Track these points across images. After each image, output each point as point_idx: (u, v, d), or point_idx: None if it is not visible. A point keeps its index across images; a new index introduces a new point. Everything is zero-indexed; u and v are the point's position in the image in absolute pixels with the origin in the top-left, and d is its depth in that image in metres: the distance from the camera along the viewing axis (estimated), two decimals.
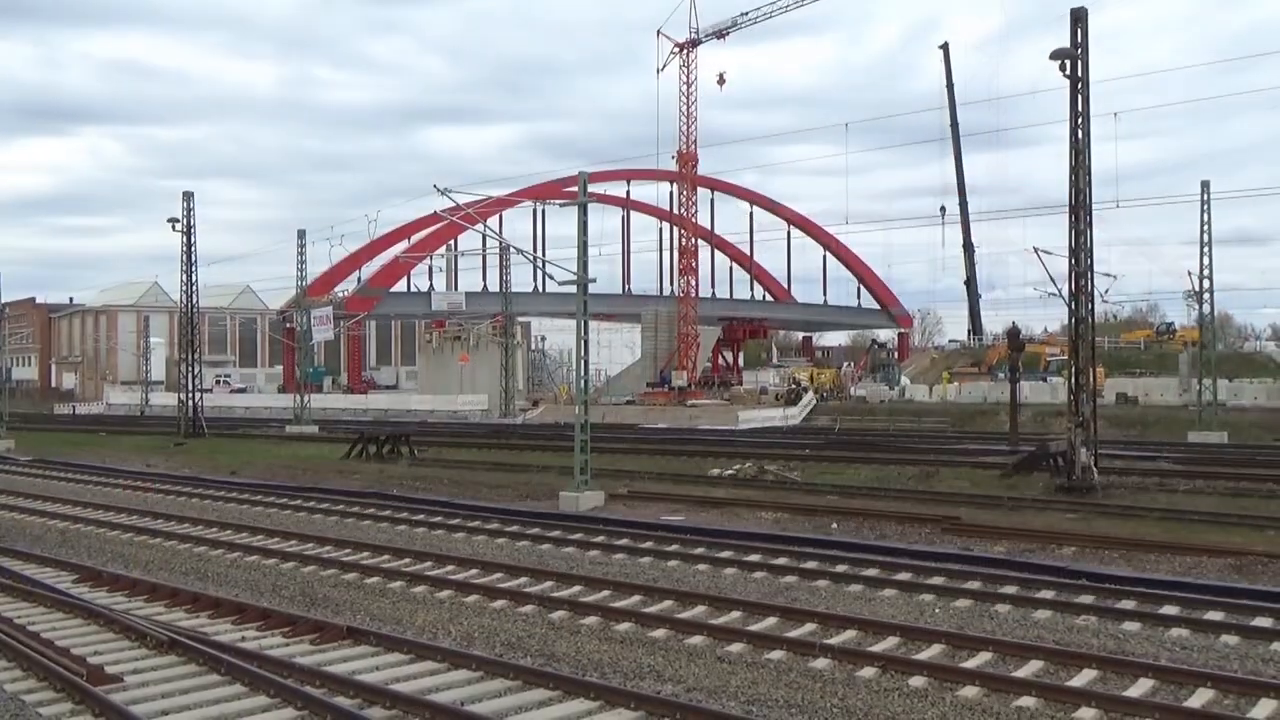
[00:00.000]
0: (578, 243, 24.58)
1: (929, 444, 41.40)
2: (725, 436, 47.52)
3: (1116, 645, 12.18)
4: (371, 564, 17.29)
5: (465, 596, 14.83)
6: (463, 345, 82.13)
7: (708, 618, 13.40)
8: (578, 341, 24.98)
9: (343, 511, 23.95)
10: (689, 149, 72.97)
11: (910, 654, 11.70)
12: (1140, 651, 11.92)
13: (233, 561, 18.15)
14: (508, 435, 50.50)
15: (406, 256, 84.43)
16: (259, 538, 20.37)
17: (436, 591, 15.20)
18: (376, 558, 17.98)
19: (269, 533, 20.86)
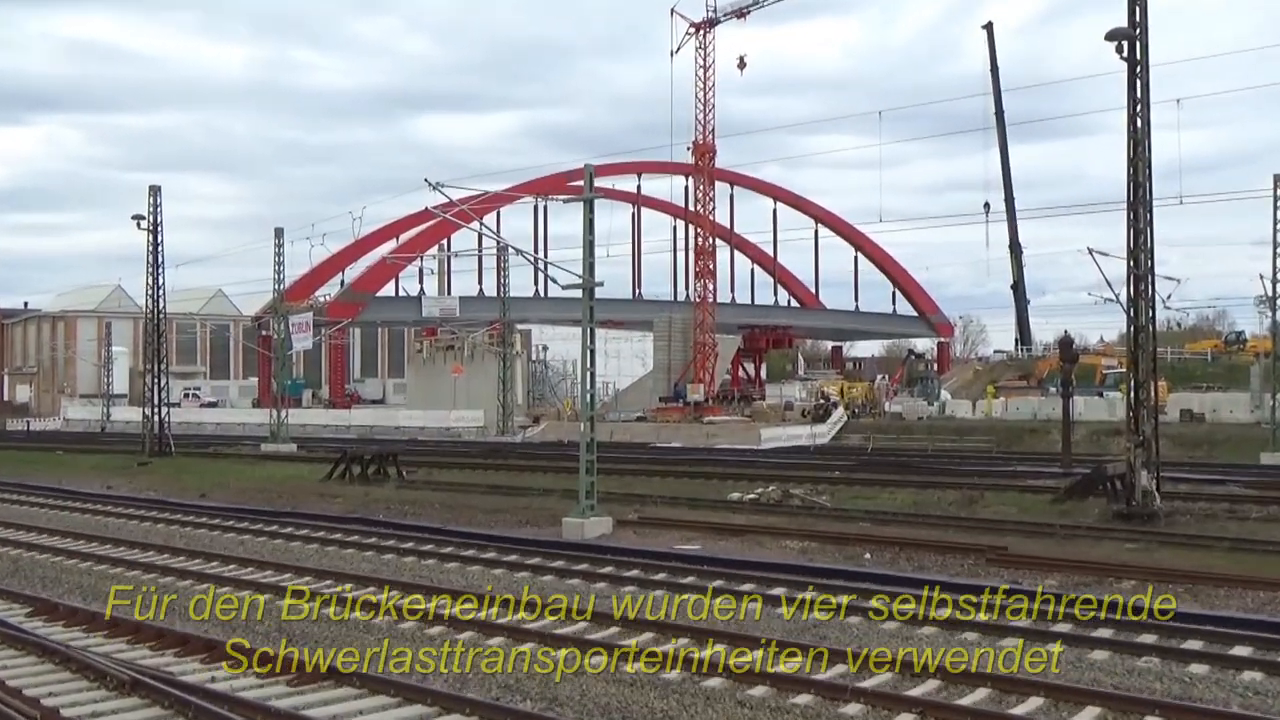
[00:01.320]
0: (583, 242, 24.60)
1: (972, 465, 41.24)
2: (746, 457, 47.42)
3: (1182, 690, 12.10)
4: (355, 596, 17.29)
5: (458, 633, 14.82)
6: (456, 355, 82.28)
7: (727, 657, 13.36)
8: (583, 351, 24.99)
9: (323, 539, 23.97)
10: (706, 139, 73.07)
11: (952, 699, 11.64)
12: (1209, 697, 11.84)
13: (202, 593, 18.16)
14: (505, 455, 50.50)
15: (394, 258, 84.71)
16: (231, 567, 20.40)
17: (426, 627, 15.18)
18: (360, 589, 17.97)
19: (242, 562, 20.88)
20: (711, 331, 74.59)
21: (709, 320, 74.01)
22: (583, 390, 25.60)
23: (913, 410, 67.71)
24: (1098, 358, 78.44)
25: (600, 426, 32.54)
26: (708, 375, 73.47)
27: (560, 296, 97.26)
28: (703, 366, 73.29)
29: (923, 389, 77.94)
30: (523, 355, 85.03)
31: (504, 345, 70.02)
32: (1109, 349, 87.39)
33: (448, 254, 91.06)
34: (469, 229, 65.09)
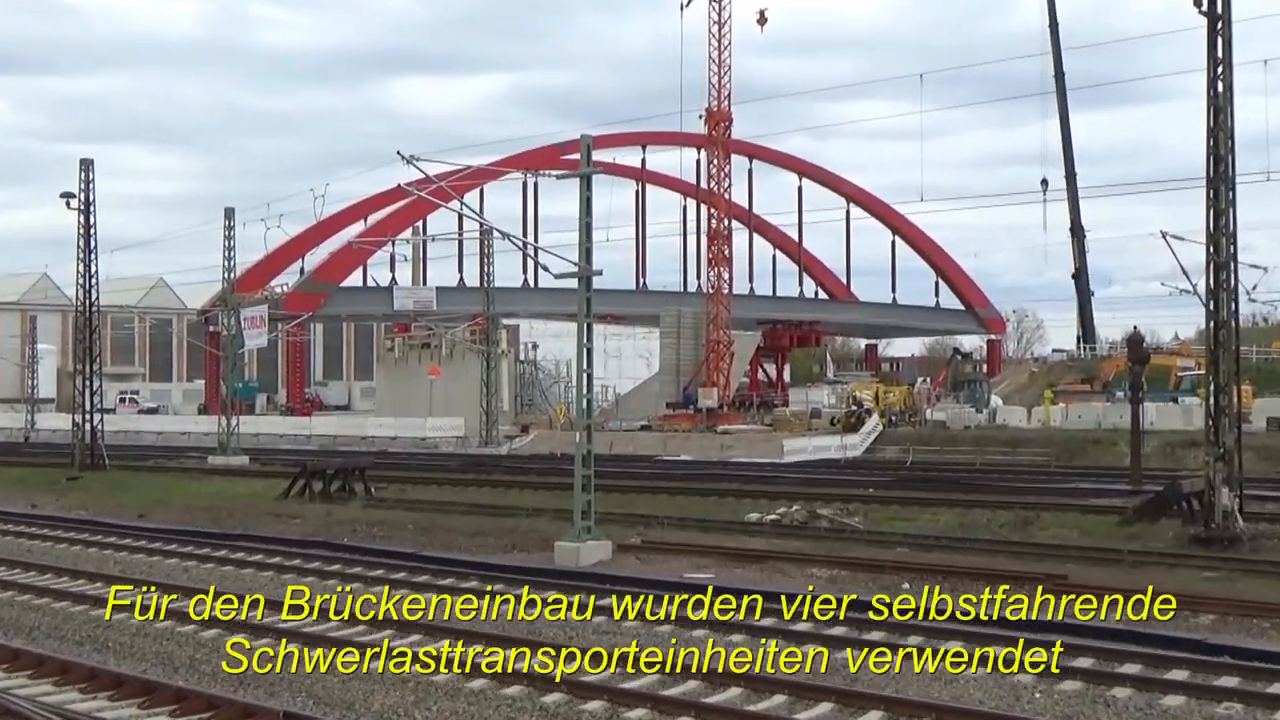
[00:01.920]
0: (579, 225, 24.60)
1: (1027, 482, 41.15)
2: (766, 472, 47.32)
3: None
4: (315, 632, 17.29)
5: (434, 674, 14.83)
6: (432, 355, 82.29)
7: (743, 703, 13.36)
8: (579, 350, 24.99)
9: (280, 565, 24.00)
10: (720, 106, 73.05)
11: None
12: None
13: (139, 628, 18.18)
14: (490, 469, 50.48)
15: (362, 242, 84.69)
16: (173, 598, 20.43)
17: (398, 668, 15.20)
18: (322, 624, 17.98)
19: (186, 591, 20.90)
20: (726, 328, 74.57)
21: (724, 315, 74.00)
22: (578, 395, 25.59)
23: (958, 418, 67.60)
24: (1172, 358, 78.28)
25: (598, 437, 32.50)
26: (722, 378, 73.44)
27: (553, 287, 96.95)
28: (716, 368, 73.27)
29: (970, 394, 77.82)
30: (509, 354, 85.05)
31: (488, 343, 70.03)
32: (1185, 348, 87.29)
33: (423, 238, 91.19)
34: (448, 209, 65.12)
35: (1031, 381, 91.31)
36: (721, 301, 73.78)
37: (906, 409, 70.87)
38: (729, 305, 74.59)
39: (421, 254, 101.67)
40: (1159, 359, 72.34)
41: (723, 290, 74.22)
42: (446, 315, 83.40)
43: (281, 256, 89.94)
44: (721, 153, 74.58)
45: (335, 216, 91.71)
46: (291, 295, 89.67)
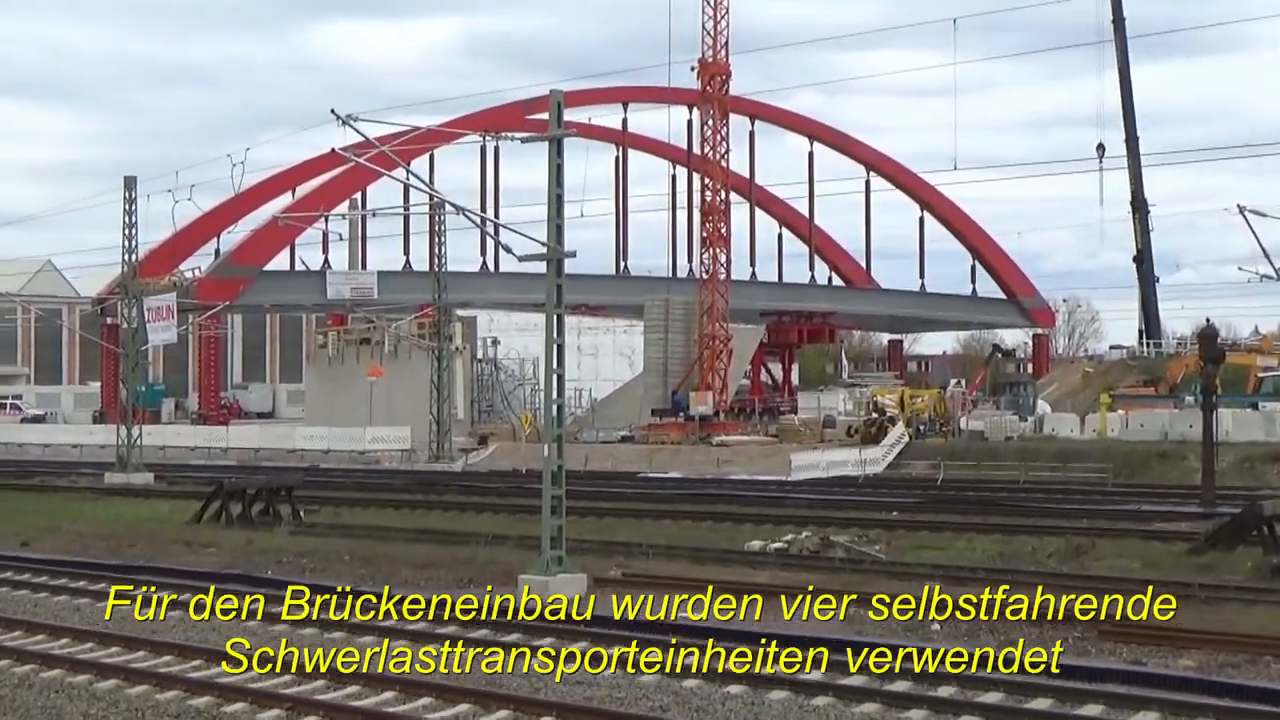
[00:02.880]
0: (548, 198, 24.57)
1: (1080, 503, 41.22)
2: (771, 491, 47.29)
3: None
4: (234, 684, 17.25)
5: None
6: (373, 353, 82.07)
7: None
8: (548, 347, 24.95)
9: (191, 603, 23.95)
10: (716, 57, 73.04)
11: None
12: None
13: (23, 678, 18.10)
14: (441, 488, 50.37)
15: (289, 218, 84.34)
16: (63, 642, 20.32)
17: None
18: (239, 674, 17.94)
19: (78, 635, 20.80)
20: (723, 320, 74.56)
21: (720, 305, 74.01)
22: (546, 400, 25.53)
23: (999, 427, 67.63)
24: (1251, 356, 78.44)
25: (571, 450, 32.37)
26: (718, 379, 73.44)
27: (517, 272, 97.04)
28: (711, 368, 73.25)
29: (1012, 399, 77.92)
30: (465, 352, 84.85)
31: (439, 338, 69.90)
32: (1266, 344, 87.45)
33: (363, 213, 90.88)
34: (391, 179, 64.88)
35: (1085, 384, 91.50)
36: (717, 289, 73.73)
37: (937, 417, 70.90)
38: (726, 293, 74.53)
39: (360, 232, 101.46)
40: (1235, 357, 72.36)
41: (719, 275, 74.17)
42: (390, 305, 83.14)
43: (193, 235, 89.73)
44: (718, 112, 74.52)
45: (257, 188, 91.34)
46: (205, 281, 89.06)
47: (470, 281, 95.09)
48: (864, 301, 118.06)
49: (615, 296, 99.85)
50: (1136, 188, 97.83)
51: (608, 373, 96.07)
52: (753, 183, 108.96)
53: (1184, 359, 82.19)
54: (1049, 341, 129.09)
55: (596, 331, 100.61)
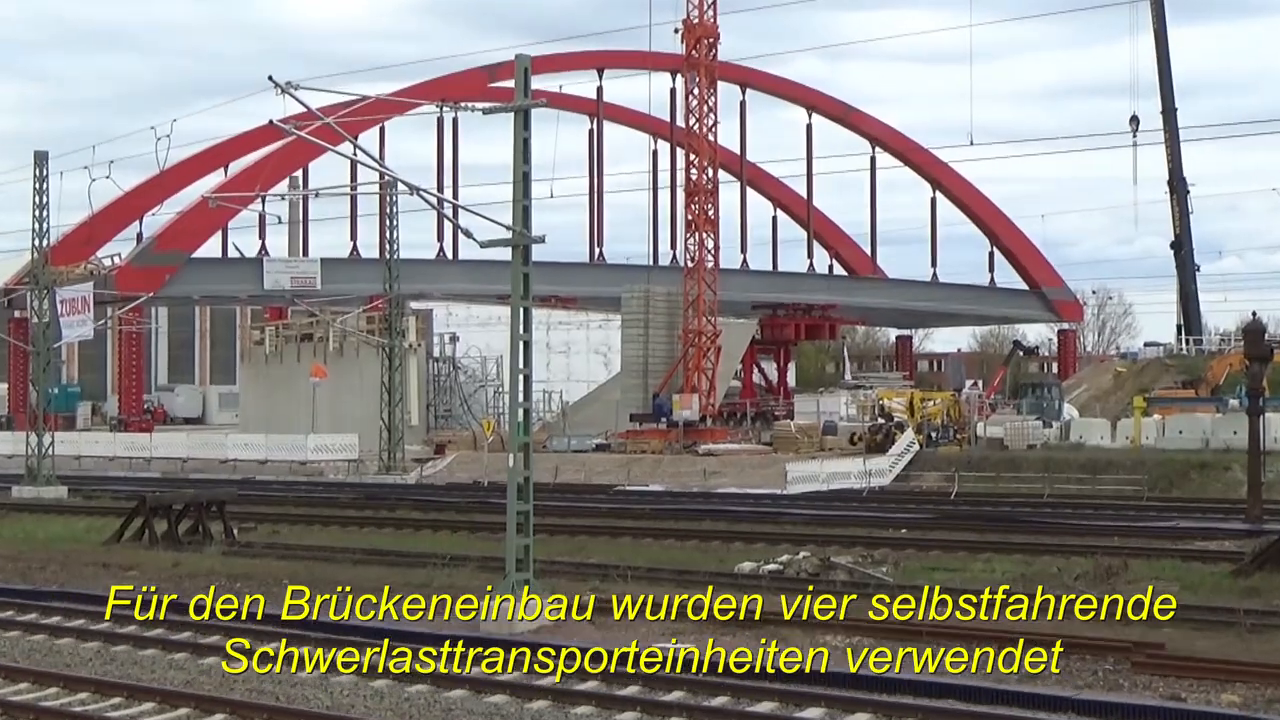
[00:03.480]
0: (514, 176, 24.51)
1: (1111, 519, 41.29)
2: (765, 506, 47.30)
3: None
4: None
5: None
6: (316, 351, 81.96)
7: None
8: (513, 344, 24.88)
9: (109, 633, 23.83)
10: (703, 17, 73.06)
11: None
12: None
13: None
14: (394, 503, 50.33)
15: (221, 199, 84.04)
16: None
17: None
18: (165, 714, 17.86)
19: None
20: (711, 314, 74.62)
21: (707, 296, 74.05)
22: (512, 403, 25.47)
23: (1020, 435, 67.73)
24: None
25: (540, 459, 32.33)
26: (705, 380, 73.50)
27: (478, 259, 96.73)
28: (697, 367, 73.28)
29: (1036, 402, 78.01)
30: (420, 350, 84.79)
31: (390, 334, 69.77)
32: None
33: (303, 193, 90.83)
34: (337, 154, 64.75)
35: (1117, 385, 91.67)
36: (704, 278, 73.73)
37: (951, 423, 70.98)
38: (714, 284, 74.56)
39: (301, 215, 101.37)
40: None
41: (705, 263, 74.18)
42: (335, 296, 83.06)
43: (112, 217, 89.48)
44: (705, 79, 74.50)
45: (185, 164, 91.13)
46: (125, 270, 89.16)
47: (426, 270, 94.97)
48: (869, 293, 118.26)
49: (589, 287, 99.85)
50: (1174, 165, 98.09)
51: (580, 373, 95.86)
52: (744, 159, 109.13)
53: (1228, 357, 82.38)
54: (1076, 338, 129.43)
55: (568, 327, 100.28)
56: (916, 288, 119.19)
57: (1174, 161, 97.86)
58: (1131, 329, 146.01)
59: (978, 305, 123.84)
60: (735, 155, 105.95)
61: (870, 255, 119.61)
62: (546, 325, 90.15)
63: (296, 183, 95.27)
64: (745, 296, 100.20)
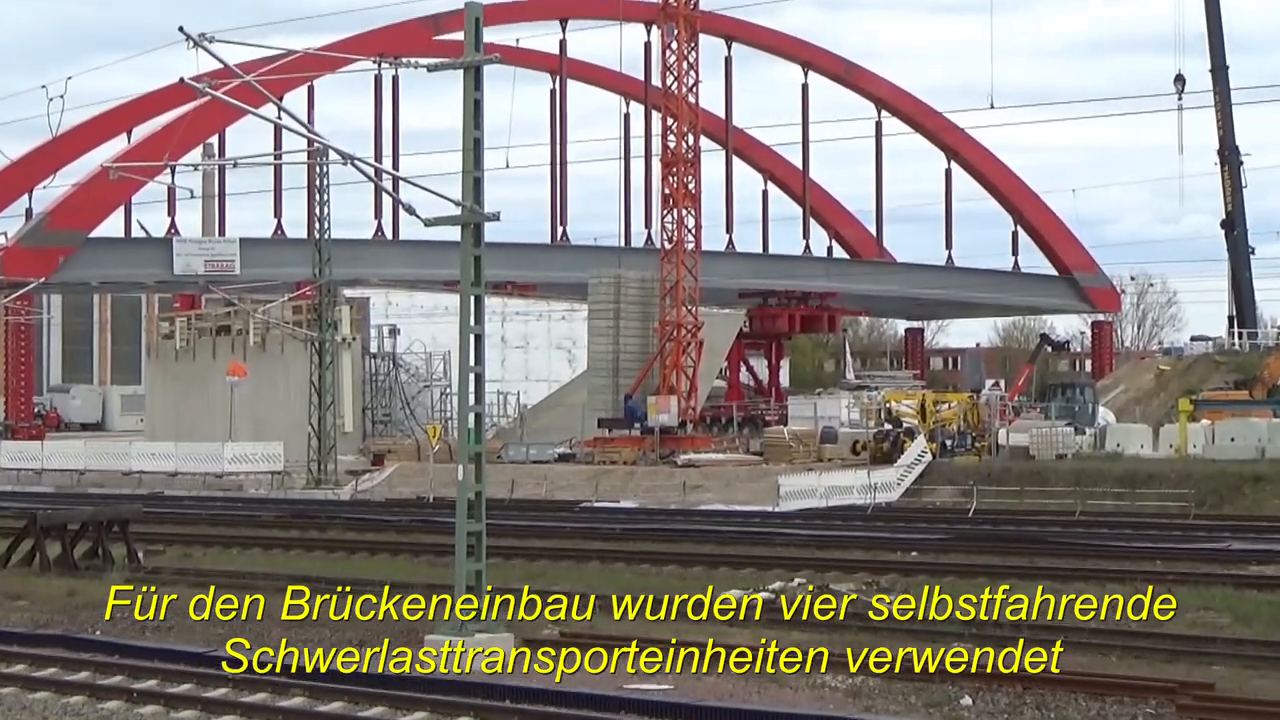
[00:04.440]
0: (463, 144, 24.48)
1: (1153, 540, 41.30)
2: (754, 526, 47.24)
3: None
4: None
5: None
6: (234, 346, 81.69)
7: None
8: (463, 338, 24.85)
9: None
10: None
11: None
12: None
13: None
14: (325, 522, 50.22)
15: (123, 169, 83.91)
16: None
17: None
18: None
19: None
20: (692, 303, 74.61)
21: (687, 283, 74.03)
22: (461, 406, 25.42)
23: (1049, 443, 67.81)
24: None
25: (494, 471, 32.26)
26: (685, 380, 73.49)
27: (423, 239, 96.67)
28: (676, 365, 73.27)
29: (1066, 405, 78.21)
30: (355, 344, 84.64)
31: (320, 327, 69.64)
32: None
33: (219, 162, 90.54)
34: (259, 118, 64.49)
35: (1160, 386, 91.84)
36: (684, 262, 73.72)
37: (968, 429, 71.13)
38: (695, 268, 74.53)
39: (218, 188, 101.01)
40: None
41: (686, 245, 74.16)
42: (257, 283, 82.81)
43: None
44: (684, 31, 74.46)
45: (82, 129, 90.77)
46: (13, 251, 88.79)
47: (362, 252, 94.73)
48: (874, 279, 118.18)
49: (551, 272, 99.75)
50: (1225, 132, 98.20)
51: (541, 371, 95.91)
52: (729, 124, 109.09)
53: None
54: (1113, 331, 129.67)
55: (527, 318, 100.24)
56: (929, 273, 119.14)
57: (1225, 128, 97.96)
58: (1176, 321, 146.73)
59: (999, 293, 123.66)
60: (720, 120, 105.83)
61: (875, 236, 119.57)
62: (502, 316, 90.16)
63: (212, 151, 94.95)
64: (731, 283, 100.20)
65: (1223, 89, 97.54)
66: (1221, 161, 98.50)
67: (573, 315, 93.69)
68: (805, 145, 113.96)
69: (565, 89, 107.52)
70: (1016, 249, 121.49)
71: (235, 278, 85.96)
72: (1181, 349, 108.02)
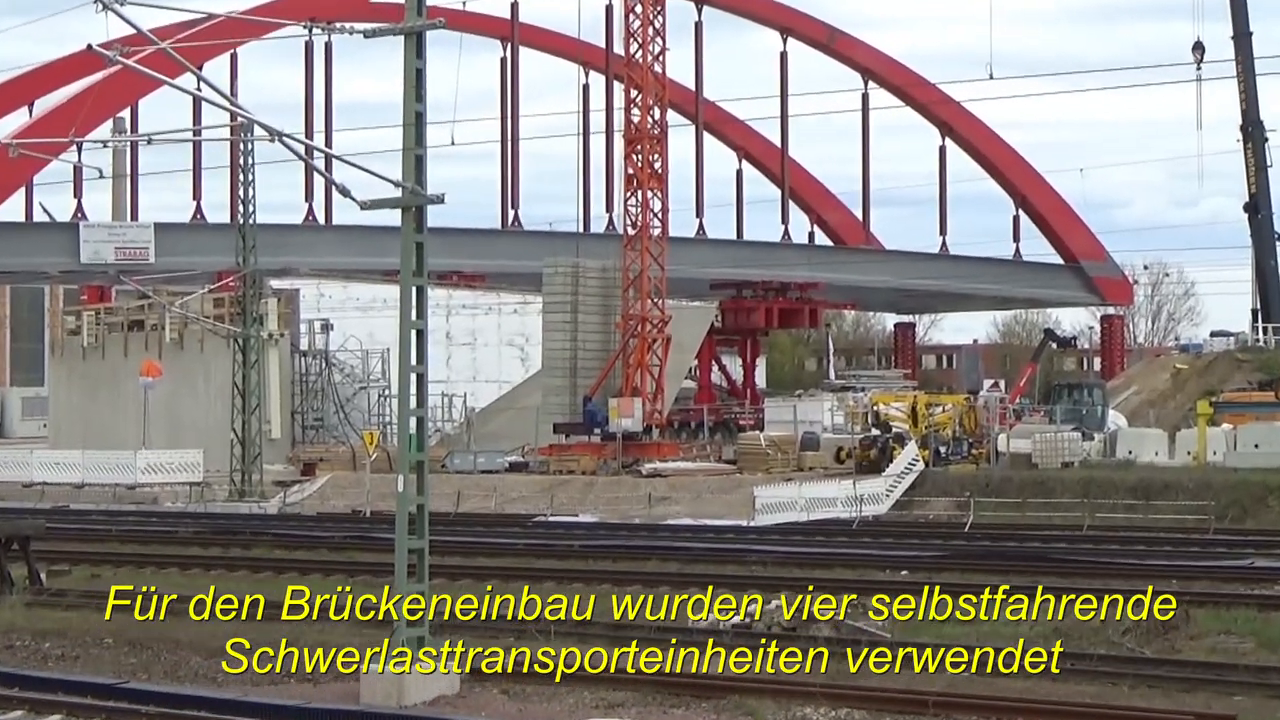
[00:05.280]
0: (404, 118, 24.46)
1: (1169, 558, 41.46)
2: (727, 542, 47.38)
3: None
4: None
5: None
6: (148, 343, 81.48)
7: None
8: (403, 333, 24.84)
9: None
10: None
11: None
12: None
13: None
14: (249, 539, 50.24)
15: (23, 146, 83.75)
16: None
17: None
18: None
19: None
20: (659, 295, 74.68)
21: (653, 273, 74.09)
22: (402, 410, 25.41)
23: (1053, 450, 68.00)
24: None
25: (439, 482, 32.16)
26: (651, 381, 73.55)
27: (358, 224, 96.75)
28: (640, 364, 73.34)
29: (1073, 408, 78.47)
30: (283, 340, 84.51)
31: (245, 322, 69.50)
32: None
33: (132, 138, 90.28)
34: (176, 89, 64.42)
35: (1176, 386, 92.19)
36: (649, 249, 73.79)
37: (965, 434, 71.37)
38: (662, 256, 74.63)
39: (130, 168, 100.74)
40: None
41: (651, 230, 74.22)
42: (174, 273, 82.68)
43: None
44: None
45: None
46: None
47: (291, 239, 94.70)
48: (860, 268, 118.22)
49: (502, 260, 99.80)
50: (1249, 106, 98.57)
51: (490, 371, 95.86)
52: (700, 97, 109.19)
53: None
54: (1124, 326, 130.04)
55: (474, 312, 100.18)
56: (921, 262, 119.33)
57: (1248, 100, 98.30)
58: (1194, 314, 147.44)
59: (999, 284, 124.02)
60: (689, 92, 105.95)
61: (862, 220, 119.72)
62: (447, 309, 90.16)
63: (123, 126, 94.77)
64: (702, 273, 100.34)
65: (1246, 58, 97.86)
66: (1244, 138, 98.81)
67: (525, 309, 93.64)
68: (784, 120, 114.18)
69: (517, 57, 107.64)
70: (1018, 235, 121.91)
71: (149, 267, 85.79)
72: (1200, 346, 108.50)
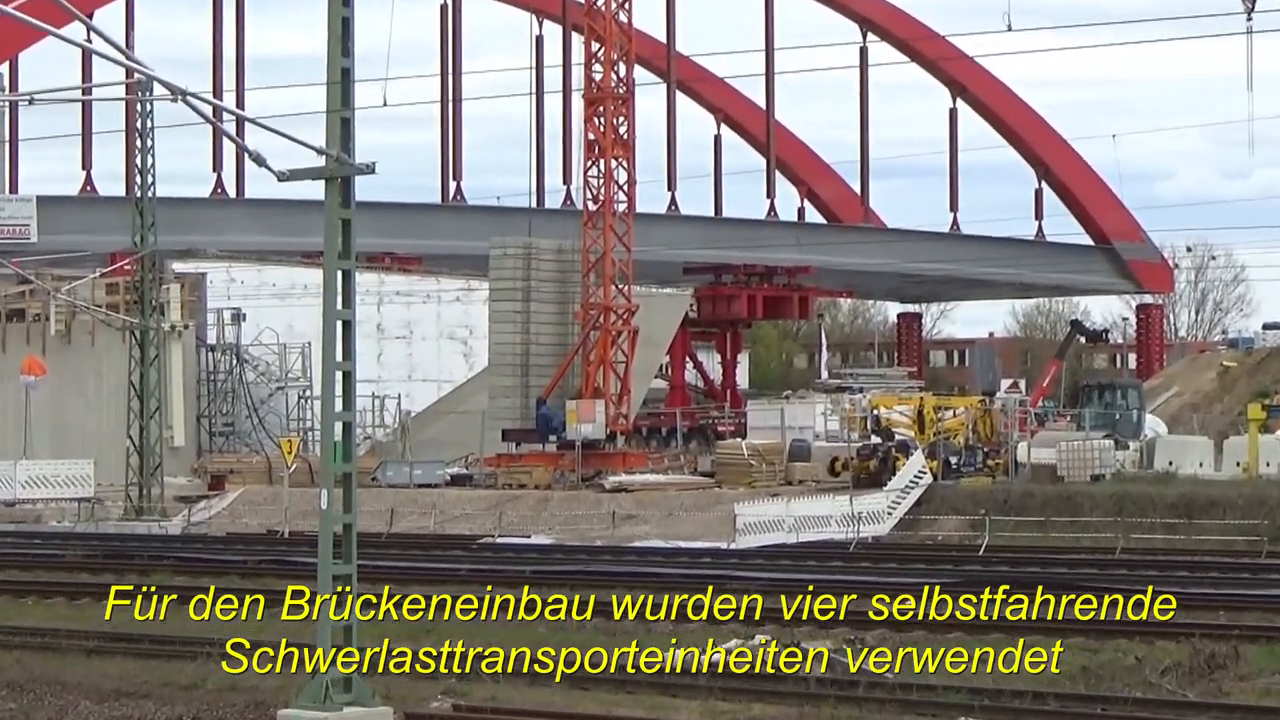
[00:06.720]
0: (328, 75, 24.47)
1: (1216, 585, 41.60)
2: (704, 568, 47.44)
3: None
4: None
5: None
6: (31, 336, 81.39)
7: None
8: (327, 326, 24.83)
9: None
10: None
11: None
12: None
13: None
14: (148, 564, 50.26)
15: None
16: None
17: None
18: None
19: None
20: (624, 280, 74.75)
21: (617, 255, 74.14)
22: (326, 414, 25.42)
23: (1082, 460, 68.16)
24: None
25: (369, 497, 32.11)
26: (615, 381, 73.61)
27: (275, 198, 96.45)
28: (603, 360, 73.42)
29: (1104, 412, 78.73)
30: (188, 333, 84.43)
31: (143, 312, 69.44)
32: None
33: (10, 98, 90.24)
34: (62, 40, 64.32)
35: (1224, 387, 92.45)
36: (613, 227, 73.88)
37: (979, 442, 71.51)
38: (628, 236, 74.74)
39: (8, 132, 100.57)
40: None
41: (616, 206, 74.30)
42: (60, 254, 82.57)
43: None
44: None
45: None
46: None
47: (198, 214, 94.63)
48: (858, 249, 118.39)
49: (442, 240, 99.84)
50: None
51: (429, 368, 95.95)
52: (672, 51, 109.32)
53: None
54: (1164, 317, 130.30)
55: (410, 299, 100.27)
56: (928, 242, 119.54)
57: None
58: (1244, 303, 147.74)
59: (1018, 268, 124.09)
60: (660, 45, 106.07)
61: (860, 195, 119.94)
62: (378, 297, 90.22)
63: (2, 83, 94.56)
64: (675, 255, 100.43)
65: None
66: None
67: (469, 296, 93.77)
68: (770, 78, 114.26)
69: (460, 4, 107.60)
70: (1040, 212, 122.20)
71: (31, 246, 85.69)
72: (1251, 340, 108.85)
